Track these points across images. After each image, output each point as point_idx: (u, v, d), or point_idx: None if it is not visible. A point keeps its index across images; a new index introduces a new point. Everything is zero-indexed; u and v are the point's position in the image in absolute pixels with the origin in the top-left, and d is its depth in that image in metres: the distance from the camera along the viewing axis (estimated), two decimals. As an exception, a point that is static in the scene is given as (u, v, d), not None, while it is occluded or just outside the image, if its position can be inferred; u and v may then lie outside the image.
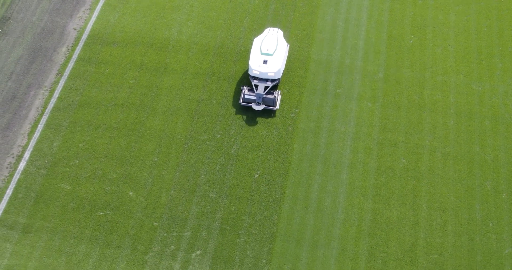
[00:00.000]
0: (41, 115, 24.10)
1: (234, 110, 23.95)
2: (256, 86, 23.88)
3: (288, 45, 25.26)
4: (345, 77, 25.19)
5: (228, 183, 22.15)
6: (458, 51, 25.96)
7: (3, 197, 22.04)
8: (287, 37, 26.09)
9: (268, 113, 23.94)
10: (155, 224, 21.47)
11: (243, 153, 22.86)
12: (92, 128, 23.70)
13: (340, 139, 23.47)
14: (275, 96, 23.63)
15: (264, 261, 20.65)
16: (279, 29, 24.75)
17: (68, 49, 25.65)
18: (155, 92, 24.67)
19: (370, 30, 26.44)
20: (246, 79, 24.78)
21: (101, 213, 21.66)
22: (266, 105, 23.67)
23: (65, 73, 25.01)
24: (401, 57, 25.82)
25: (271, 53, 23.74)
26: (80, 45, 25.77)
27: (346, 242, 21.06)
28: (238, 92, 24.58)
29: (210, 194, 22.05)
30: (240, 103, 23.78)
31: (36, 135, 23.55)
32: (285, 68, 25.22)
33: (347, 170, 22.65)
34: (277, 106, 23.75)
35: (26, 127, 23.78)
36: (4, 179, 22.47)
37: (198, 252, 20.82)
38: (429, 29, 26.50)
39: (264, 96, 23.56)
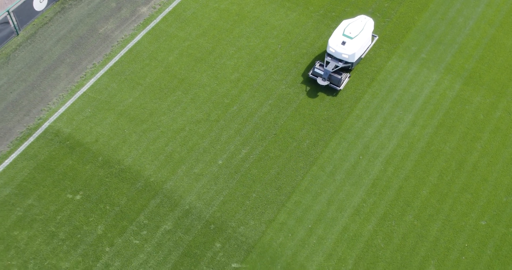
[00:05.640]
0: None
1: None
2: (327, 62, 24.66)
3: (377, 37, 26.46)
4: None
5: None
6: None
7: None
8: None
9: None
10: (325, -2, 28.32)
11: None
12: None
13: (485, -13, 29.03)
14: (341, 77, 24.42)
15: (393, 46, 26.84)
16: (371, 19, 25.48)
17: None
18: None
19: None
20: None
21: (289, -18, 28.88)
22: (330, 83, 24.65)
23: None
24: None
25: (352, 36, 24.39)
26: None
27: (463, 48, 26.67)
28: None
29: (372, -8, 28.58)
30: (308, 75, 25.15)
31: None
32: None
33: (482, 6, 28.15)
34: (341, 87, 24.64)
35: None
36: None
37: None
38: None
39: (331, 74, 24.44)
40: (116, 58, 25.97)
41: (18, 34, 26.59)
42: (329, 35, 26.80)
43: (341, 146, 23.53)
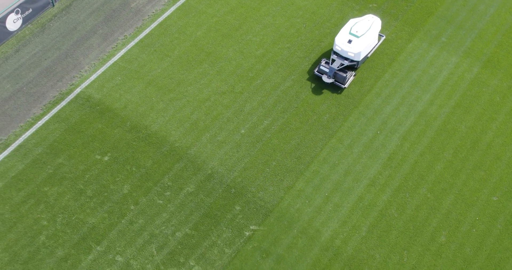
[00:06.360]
0: None
1: None
2: (333, 60, 24.94)
3: (384, 37, 26.69)
4: None
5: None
6: None
7: None
8: None
9: None
10: (350, -19, 29.17)
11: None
12: None
13: (507, -23, 29.72)
14: (346, 75, 24.72)
15: (414, 30, 27.64)
16: (379, 19, 25.62)
17: None
18: None
19: None
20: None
21: (316, -35, 29.76)
22: (335, 81, 25.00)
23: None
24: None
25: (359, 35, 24.56)
26: None
27: (483, 34, 27.36)
28: None
29: (396, -22, 29.38)
30: (314, 72, 25.46)
31: None
32: None
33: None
34: (346, 85, 24.90)
35: None
36: None
37: None
38: None
39: (337, 71, 24.74)
40: (147, 31, 27.04)
41: (53, 5, 27.77)
42: (353, 17, 27.64)
43: (360, 121, 24.37)
